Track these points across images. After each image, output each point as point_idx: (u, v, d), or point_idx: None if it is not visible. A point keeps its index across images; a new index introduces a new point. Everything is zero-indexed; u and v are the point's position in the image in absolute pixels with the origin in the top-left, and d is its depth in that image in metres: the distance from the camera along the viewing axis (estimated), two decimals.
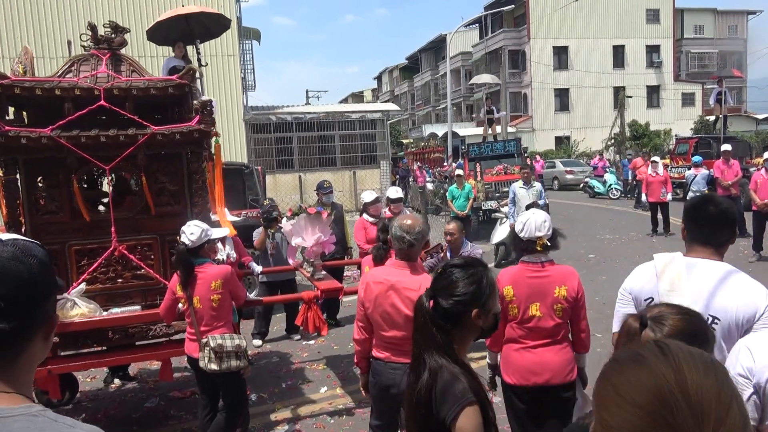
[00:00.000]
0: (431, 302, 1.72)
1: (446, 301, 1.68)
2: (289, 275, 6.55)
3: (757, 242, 9.24)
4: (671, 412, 0.81)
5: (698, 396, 0.82)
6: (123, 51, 4.54)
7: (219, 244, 4.71)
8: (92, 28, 4.45)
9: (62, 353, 4.25)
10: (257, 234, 6.58)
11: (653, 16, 38.81)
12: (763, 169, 9.19)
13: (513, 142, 14.97)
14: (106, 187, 4.73)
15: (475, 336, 1.79)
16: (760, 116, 38.24)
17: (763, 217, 9.04)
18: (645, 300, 2.19)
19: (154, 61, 14.87)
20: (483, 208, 12.76)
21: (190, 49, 8.14)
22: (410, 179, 22.25)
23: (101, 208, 4.72)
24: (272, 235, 6.52)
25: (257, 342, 6.60)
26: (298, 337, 6.72)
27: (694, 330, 1.38)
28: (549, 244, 2.95)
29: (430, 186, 18.94)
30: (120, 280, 4.33)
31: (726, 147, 11.22)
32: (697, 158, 12.49)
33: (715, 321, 1.99)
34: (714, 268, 2.11)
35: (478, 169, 13.40)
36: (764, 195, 8.92)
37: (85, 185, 4.75)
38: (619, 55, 38.22)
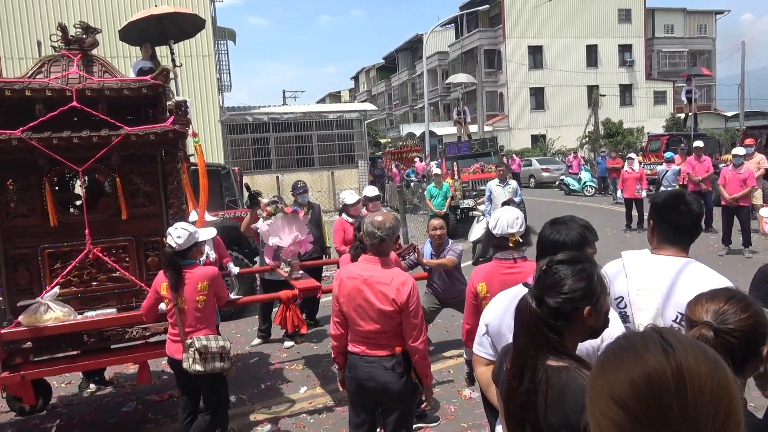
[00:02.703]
0: (536, 302, 1.56)
1: (554, 300, 1.53)
2: None
3: (726, 236, 9.48)
4: (662, 418, 0.75)
5: (697, 400, 0.75)
6: (94, 52, 4.49)
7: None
8: (62, 28, 4.38)
9: (36, 358, 4.19)
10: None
11: (625, 15, 39.48)
12: (732, 164, 9.44)
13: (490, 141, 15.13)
14: (80, 189, 4.66)
15: (585, 336, 1.63)
16: (729, 113, 39.17)
17: (732, 211, 9.28)
18: (615, 299, 2.20)
19: (127, 62, 14.66)
20: (460, 206, 12.87)
21: (163, 49, 8.06)
22: (386, 180, 22.30)
23: (74, 210, 4.65)
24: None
25: (256, 341, 6.63)
26: (291, 343, 6.56)
27: (762, 323, 1.36)
28: (522, 240, 3.00)
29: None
30: (95, 283, 4.28)
31: (698, 143, 11.44)
32: (668, 154, 12.76)
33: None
34: (681, 265, 2.14)
35: (455, 168, 13.50)
36: (732, 190, 9.16)
37: (57, 188, 4.68)
38: (592, 55, 38.81)
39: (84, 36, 4.41)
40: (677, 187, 11.33)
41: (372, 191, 6.70)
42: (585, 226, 2.40)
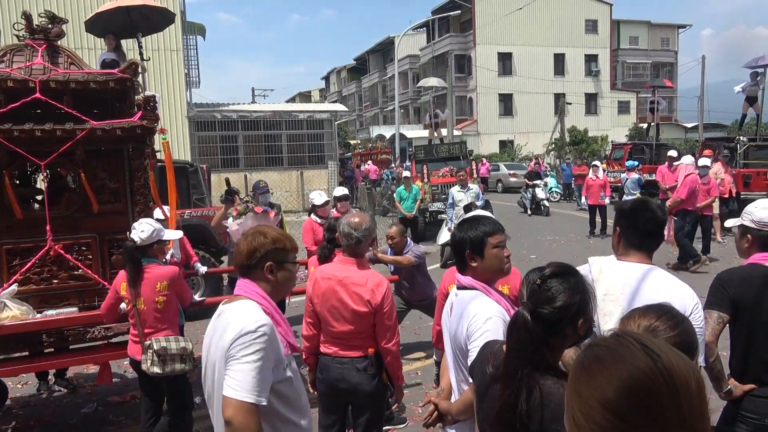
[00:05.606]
0: (531, 316, 1.56)
1: (550, 314, 1.53)
2: None
3: None
4: (657, 421, 0.77)
5: (688, 401, 0.78)
6: (60, 42, 4.36)
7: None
8: (27, 17, 4.24)
9: None
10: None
11: (592, 26, 40.44)
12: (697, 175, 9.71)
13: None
14: (42, 184, 4.52)
15: (570, 345, 1.64)
16: (689, 125, 40.47)
17: (697, 219, 9.55)
18: None
19: (92, 54, 14.29)
20: (430, 209, 12.96)
21: (131, 42, 7.88)
22: (356, 181, 22.30)
23: (36, 205, 4.51)
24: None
25: None
26: None
27: (689, 340, 1.41)
28: None
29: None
30: (55, 281, 4.15)
31: (671, 153, 11.54)
32: (630, 163, 13.10)
33: None
34: (645, 271, 2.21)
35: (425, 171, 13.60)
36: (698, 200, 9.41)
37: (18, 182, 4.52)
38: (559, 63, 39.61)
39: (49, 26, 4.27)
40: (638, 194, 11.63)
41: (341, 191, 6.70)
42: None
